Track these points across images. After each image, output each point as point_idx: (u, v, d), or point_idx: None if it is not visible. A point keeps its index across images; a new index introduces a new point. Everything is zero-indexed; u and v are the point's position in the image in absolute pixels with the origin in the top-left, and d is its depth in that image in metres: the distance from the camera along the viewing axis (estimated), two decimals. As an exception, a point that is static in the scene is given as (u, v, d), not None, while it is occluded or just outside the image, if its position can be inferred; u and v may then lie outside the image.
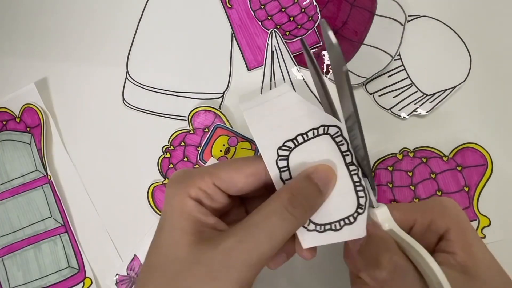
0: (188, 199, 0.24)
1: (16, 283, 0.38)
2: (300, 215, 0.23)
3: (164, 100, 0.41)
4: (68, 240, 0.39)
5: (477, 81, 0.39)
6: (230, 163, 0.25)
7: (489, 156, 0.37)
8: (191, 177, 0.25)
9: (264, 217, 0.22)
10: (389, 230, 0.24)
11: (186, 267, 0.22)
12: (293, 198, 0.23)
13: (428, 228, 0.25)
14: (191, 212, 0.24)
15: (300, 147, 0.25)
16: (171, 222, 0.24)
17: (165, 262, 0.23)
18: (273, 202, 0.23)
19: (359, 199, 0.24)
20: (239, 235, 0.22)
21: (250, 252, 0.22)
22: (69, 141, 0.41)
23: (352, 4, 0.41)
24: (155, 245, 0.24)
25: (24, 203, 0.40)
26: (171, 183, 0.25)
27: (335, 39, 0.18)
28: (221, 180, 0.24)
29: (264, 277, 0.36)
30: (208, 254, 0.22)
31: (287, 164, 0.25)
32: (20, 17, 0.45)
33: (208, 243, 0.23)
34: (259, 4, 0.42)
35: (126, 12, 0.44)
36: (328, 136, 0.24)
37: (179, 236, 0.23)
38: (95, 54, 0.43)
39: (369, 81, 0.40)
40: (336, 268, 0.36)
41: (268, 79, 0.40)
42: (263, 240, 0.22)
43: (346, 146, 0.24)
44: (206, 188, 0.24)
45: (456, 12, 0.40)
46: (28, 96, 0.42)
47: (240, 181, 0.24)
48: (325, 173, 0.24)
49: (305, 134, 0.24)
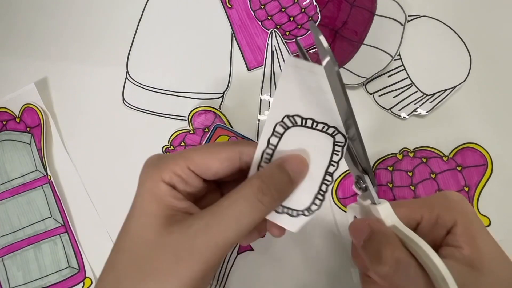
0: (161, 183, 0.24)
1: (16, 283, 0.38)
2: (269, 203, 0.23)
3: (164, 100, 0.41)
4: (68, 240, 0.39)
5: (477, 81, 0.39)
6: (205, 147, 0.25)
7: (489, 156, 0.37)
8: (165, 161, 0.25)
9: (233, 202, 0.23)
10: (392, 226, 0.24)
11: (153, 250, 0.23)
12: (264, 185, 0.23)
13: (435, 223, 0.25)
14: (163, 197, 0.24)
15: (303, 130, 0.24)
16: (141, 206, 0.24)
17: (133, 246, 0.23)
18: (244, 188, 0.23)
19: (313, 202, 0.25)
20: (206, 219, 0.22)
21: (216, 236, 0.22)
22: (69, 141, 0.41)
23: (352, 4, 0.41)
24: (124, 229, 0.25)
25: (24, 203, 0.40)
26: (145, 167, 0.25)
27: (327, 44, 0.19)
28: (195, 164, 0.24)
29: (267, 276, 0.36)
30: (175, 237, 0.22)
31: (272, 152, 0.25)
32: (20, 17, 0.45)
33: (176, 226, 0.23)
34: (259, 4, 0.42)
35: (126, 12, 0.44)
36: (331, 139, 0.24)
37: (149, 220, 0.23)
38: (95, 54, 0.43)
39: (369, 81, 0.40)
40: (340, 265, 0.36)
41: (268, 79, 0.40)
42: (229, 225, 0.22)
43: (338, 158, 0.24)
44: (180, 172, 0.24)
45: (456, 12, 0.40)
46: (28, 96, 0.42)
47: (214, 165, 0.24)
48: (298, 164, 0.24)
49: (317, 122, 0.24)
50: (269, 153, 0.25)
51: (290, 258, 0.37)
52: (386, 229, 0.24)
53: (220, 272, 0.37)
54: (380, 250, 0.22)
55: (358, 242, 0.24)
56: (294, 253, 0.37)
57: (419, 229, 0.26)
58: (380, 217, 0.24)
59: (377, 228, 0.24)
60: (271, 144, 0.25)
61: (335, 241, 0.36)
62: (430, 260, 0.21)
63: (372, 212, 0.25)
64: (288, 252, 0.37)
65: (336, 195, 0.37)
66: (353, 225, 0.26)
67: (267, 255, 0.37)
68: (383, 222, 0.24)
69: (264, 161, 0.25)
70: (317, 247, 0.36)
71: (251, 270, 0.37)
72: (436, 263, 0.21)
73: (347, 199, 0.37)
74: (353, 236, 0.26)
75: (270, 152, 0.25)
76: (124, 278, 0.23)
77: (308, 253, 0.37)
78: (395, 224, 0.24)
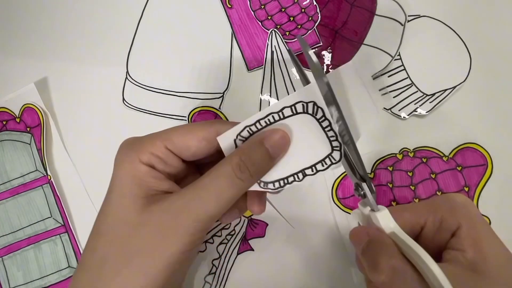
0: (140, 164, 0.24)
1: (16, 283, 0.38)
2: (247, 179, 0.23)
3: (164, 100, 0.41)
4: (68, 240, 0.39)
5: (477, 81, 0.39)
6: (182, 127, 0.25)
7: (489, 156, 0.37)
8: (142, 143, 0.25)
9: (213, 179, 0.23)
10: (391, 233, 0.24)
11: (135, 230, 0.23)
12: (241, 162, 0.23)
13: (440, 226, 0.25)
14: (143, 177, 0.24)
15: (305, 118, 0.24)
16: (120, 188, 0.24)
17: (114, 228, 0.23)
18: (223, 166, 0.23)
19: (277, 181, 0.24)
20: (187, 196, 0.23)
21: (198, 211, 0.22)
22: (69, 141, 0.41)
23: (352, 4, 0.41)
24: (103, 212, 0.25)
25: (24, 203, 0.40)
26: (121, 150, 0.25)
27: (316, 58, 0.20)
28: (173, 143, 0.24)
29: (267, 276, 0.36)
30: (157, 215, 0.23)
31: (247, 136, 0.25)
32: (20, 17, 0.45)
33: (157, 204, 0.23)
34: (259, 4, 0.42)
35: (126, 12, 0.44)
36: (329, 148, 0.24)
37: (129, 201, 0.23)
38: (95, 54, 0.43)
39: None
40: (340, 265, 0.36)
41: (268, 79, 0.40)
42: (210, 201, 0.23)
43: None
44: (159, 153, 0.24)
45: (456, 12, 0.40)
46: (28, 96, 0.42)
47: (192, 144, 0.25)
48: (279, 139, 0.24)
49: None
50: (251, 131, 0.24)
51: (290, 258, 0.37)
52: (384, 237, 0.23)
53: (220, 272, 0.37)
54: (377, 258, 0.22)
55: (358, 249, 0.24)
56: (294, 253, 0.37)
57: (423, 233, 0.26)
58: (379, 224, 0.24)
59: (374, 236, 0.24)
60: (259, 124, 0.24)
61: (335, 241, 0.36)
62: (427, 267, 0.21)
63: (371, 219, 0.25)
64: (288, 252, 0.37)
65: (336, 195, 0.37)
66: (353, 233, 0.26)
67: (267, 255, 0.37)
68: (383, 229, 0.24)
69: (239, 138, 0.24)
70: (317, 247, 0.36)
71: (251, 270, 0.37)
72: (433, 270, 0.21)
73: (347, 199, 0.37)
74: (353, 243, 0.26)
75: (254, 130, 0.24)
76: (106, 260, 0.23)
77: (308, 253, 0.37)
78: (394, 231, 0.24)
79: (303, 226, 0.37)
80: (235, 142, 0.24)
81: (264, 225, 0.37)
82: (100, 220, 0.25)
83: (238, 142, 0.24)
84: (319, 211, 0.37)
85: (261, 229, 0.37)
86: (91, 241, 0.25)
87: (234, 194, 0.23)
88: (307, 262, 0.36)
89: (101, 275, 0.23)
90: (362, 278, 0.35)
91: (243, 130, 0.24)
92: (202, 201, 0.23)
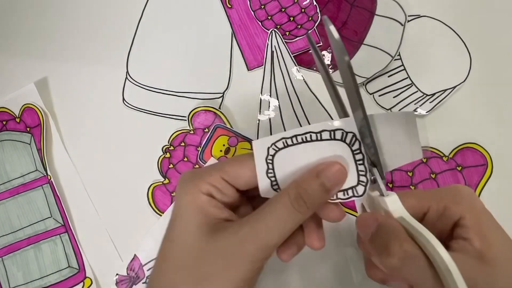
0: (200, 194, 0.25)
1: (16, 283, 0.38)
2: (304, 212, 0.24)
3: (164, 100, 0.41)
4: (68, 240, 0.39)
5: (477, 81, 0.39)
6: (235, 158, 0.27)
7: (489, 156, 0.37)
8: (200, 175, 0.26)
9: (274, 210, 0.24)
10: (399, 218, 0.24)
11: (202, 255, 0.24)
12: (298, 196, 0.24)
13: (442, 214, 0.25)
14: (204, 207, 0.25)
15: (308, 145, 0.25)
16: (185, 217, 0.25)
17: (181, 253, 0.25)
18: (281, 198, 0.24)
19: (359, 177, 0.25)
20: (251, 224, 0.24)
21: (262, 240, 0.24)
22: (69, 141, 0.41)
23: (352, 4, 0.41)
24: (169, 239, 0.26)
25: (24, 203, 0.40)
26: (182, 183, 0.26)
27: (337, 35, 0.20)
28: (228, 174, 0.26)
29: (267, 276, 0.36)
30: (222, 243, 0.24)
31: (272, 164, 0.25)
32: (20, 17, 0.45)
33: (221, 232, 0.24)
34: (259, 4, 0.42)
35: (126, 12, 0.44)
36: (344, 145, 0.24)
37: (193, 229, 0.25)
38: (95, 54, 0.43)
39: (369, 81, 0.40)
40: (340, 265, 0.36)
41: (268, 79, 0.40)
42: (273, 230, 0.24)
43: (358, 144, 0.24)
44: (216, 183, 0.25)
45: (456, 12, 0.40)
46: (28, 96, 0.42)
47: (246, 174, 0.26)
48: (336, 172, 0.24)
49: (319, 133, 0.24)
50: (286, 144, 0.25)
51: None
52: (394, 222, 0.24)
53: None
54: (388, 243, 0.23)
55: (366, 235, 0.25)
56: (294, 253, 0.37)
57: (425, 219, 0.26)
58: (387, 209, 0.24)
59: (384, 221, 0.24)
60: (295, 139, 0.25)
61: (335, 241, 0.36)
62: (436, 252, 0.21)
63: (379, 203, 0.25)
64: (288, 252, 0.37)
65: (336, 195, 0.37)
66: (361, 219, 0.26)
67: (267, 255, 0.37)
68: (391, 214, 0.24)
69: (273, 147, 0.25)
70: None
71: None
72: (442, 255, 0.21)
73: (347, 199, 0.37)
74: (360, 229, 0.26)
75: (289, 143, 0.25)
76: (175, 285, 0.24)
77: (308, 252, 0.36)
78: (402, 216, 0.24)
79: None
80: (268, 150, 0.25)
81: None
82: (167, 245, 0.26)
83: (271, 151, 0.25)
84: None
85: (261, 229, 0.37)
86: (159, 266, 0.26)
87: (294, 225, 0.24)
88: (307, 262, 0.36)
89: None
90: (362, 277, 0.35)
91: (279, 140, 0.25)
92: (265, 230, 0.24)
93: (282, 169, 0.25)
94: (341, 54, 0.20)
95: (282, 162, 0.25)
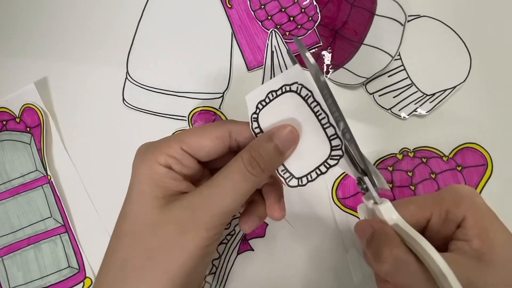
0: (157, 166, 0.25)
1: (16, 283, 0.38)
2: (259, 174, 0.24)
3: (164, 100, 0.41)
4: (68, 240, 0.39)
5: (477, 81, 0.39)
6: (196, 128, 0.26)
7: (489, 156, 0.37)
8: (158, 146, 0.25)
9: (227, 175, 0.24)
10: (394, 225, 0.24)
11: (155, 228, 0.24)
12: (251, 159, 0.24)
13: (446, 218, 0.25)
14: (161, 178, 0.25)
15: (270, 105, 0.25)
16: (139, 190, 0.25)
17: (135, 228, 0.24)
18: (235, 162, 0.24)
19: (331, 147, 0.25)
20: (204, 192, 0.24)
21: (215, 206, 0.23)
22: (69, 141, 0.41)
23: (352, 4, 0.41)
24: (123, 214, 0.25)
25: (24, 203, 0.40)
26: (138, 154, 0.26)
27: (313, 60, 0.21)
28: (188, 144, 0.25)
29: (267, 276, 0.36)
30: (176, 212, 0.24)
31: (258, 125, 0.26)
32: (20, 17, 0.45)
33: (176, 202, 0.24)
34: (259, 4, 0.42)
35: (126, 12, 0.44)
36: (293, 93, 0.25)
37: (149, 202, 0.24)
38: (95, 54, 0.43)
39: (369, 81, 0.40)
40: (340, 265, 0.36)
41: (268, 79, 0.40)
42: (226, 196, 0.24)
43: (320, 107, 0.24)
44: (175, 154, 0.25)
45: (456, 12, 0.40)
46: (28, 96, 0.42)
47: (206, 144, 0.25)
48: (287, 134, 0.24)
49: (276, 91, 0.25)
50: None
51: (290, 258, 0.37)
52: (387, 229, 0.24)
53: (220, 272, 0.37)
54: (380, 248, 0.23)
55: (362, 242, 0.25)
56: (294, 253, 0.37)
57: (429, 226, 0.26)
58: (382, 217, 0.24)
59: (378, 227, 0.24)
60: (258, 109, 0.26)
61: (335, 241, 0.36)
62: (428, 256, 0.21)
63: (374, 211, 0.25)
64: (288, 252, 0.37)
65: (336, 195, 0.37)
66: (357, 226, 0.26)
67: (267, 255, 0.37)
68: (386, 221, 0.24)
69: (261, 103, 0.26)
70: (317, 247, 0.36)
71: (251, 270, 0.37)
72: (434, 258, 0.21)
73: (347, 199, 0.37)
74: (358, 236, 0.26)
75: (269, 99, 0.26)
76: (127, 261, 0.24)
77: (308, 253, 0.37)
78: (397, 223, 0.24)
79: (303, 226, 0.37)
80: (256, 106, 0.26)
81: (264, 225, 0.37)
82: (120, 222, 0.25)
83: (260, 106, 0.25)
84: (319, 211, 0.37)
85: (261, 229, 0.37)
86: (112, 243, 0.25)
87: (248, 189, 0.24)
88: (307, 262, 0.36)
89: (123, 276, 0.23)
90: (362, 278, 0.35)
91: (267, 94, 0.25)
92: (218, 196, 0.24)
93: (265, 124, 0.26)
94: (317, 75, 0.21)
95: (265, 117, 0.25)
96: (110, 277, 0.24)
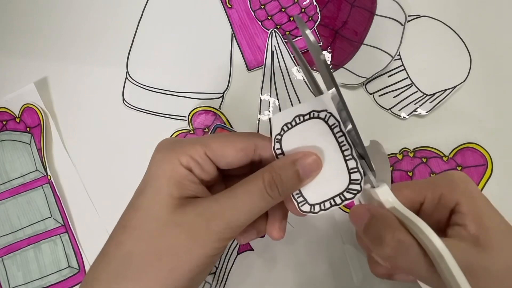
0: (179, 166, 0.24)
1: (16, 283, 0.38)
2: (275, 197, 0.24)
3: (164, 100, 0.41)
4: (68, 240, 0.39)
5: (477, 81, 0.39)
6: (223, 136, 0.26)
7: (489, 156, 0.37)
8: (183, 145, 0.25)
9: (246, 190, 0.24)
10: (392, 208, 0.24)
11: (167, 227, 0.23)
12: (272, 181, 0.24)
13: (438, 202, 0.25)
14: (180, 179, 0.24)
15: (295, 129, 0.25)
16: (156, 186, 0.24)
17: (145, 222, 0.24)
18: (256, 179, 0.24)
19: (350, 180, 0.25)
20: (221, 202, 0.24)
21: (230, 218, 0.23)
22: (69, 141, 0.41)
23: (352, 4, 0.41)
24: (134, 206, 0.25)
25: (24, 203, 0.40)
26: (160, 149, 0.26)
27: (313, 38, 0.20)
28: (212, 151, 0.25)
29: (267, 276, 0.36)
30: (190, 217, 0.23)
31: (280, 146, 0.25)
32: (20, 17, 0.45)
33: (191, 206, 0.24)
34: (259, 4, 0.42)
35: (126, 12, 0.44)
36: (320, 120, 0.25)
37: (164, 199, 0.24)
38: (95, 54, 0.43)
39: (369, 81, 0.40)
40: (340, 265, 0.36)
41: (268, 79, 0.40)
42: (243, 210, 0.24)
43: (344, 138, 0.24)
44: (198, 157, 0.25)
45: (456, 12, 0.40)
46: (28, 96, 0.42)
47: (230, 154, 0.25)
48: (311, 162, 0.24)
49: (303, 115, 0.25)
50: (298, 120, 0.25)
51: (290, 258, 0.37)
52: (386, 212, 0.24)
53: (220, 272, 0.37)
54: (381, 233, 0.23)
55: (359, 227, 0.25)
56: (294, 253, 0.37)
57: (422, 210, 0.26)
58: (379, 200, 0.24)
59: (376, 212, 0.24)
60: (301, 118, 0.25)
61: (335, 241, 0.36)
62: (428, 239, 0.21)
63: (371, 195, 0.25)
64: (288, 252, 0.37)
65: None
66: (353, 211, 0.26)
67: (267, 255, 0.37)
68: (383, 205, 0.24)
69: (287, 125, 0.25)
70: (317, 247, 0.36)
71: (251, 270, 0.37)
72: (434, 241, 0.21)
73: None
74: (353, 221, 0.26)
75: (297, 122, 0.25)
76: (132, 255, 0.23)
77: (308, 253, 0.37)
78: (394, 206, 0.24)
79: (302, 226, 0.37)
80: (282, 128, 0.25)
81: (264, 225, 0.37)
82: (130, 213, 0.25)
83: (285, 128, 0.25)
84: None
85: (261, 229, 0.37)
86: (117, 234, 0.24)
87: (263, 207, 0.24)
88: (307, 262, 0.36)
89: (126, 270, 0.23)
90: (362, 277, 0.35)
91: (294, 118, 0.25)
92: (235, 209, 0.23)
93: (288, 147, 0.25)
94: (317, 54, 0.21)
95: (288, 140, 0.25)
96: (110, 270, 0.23)
